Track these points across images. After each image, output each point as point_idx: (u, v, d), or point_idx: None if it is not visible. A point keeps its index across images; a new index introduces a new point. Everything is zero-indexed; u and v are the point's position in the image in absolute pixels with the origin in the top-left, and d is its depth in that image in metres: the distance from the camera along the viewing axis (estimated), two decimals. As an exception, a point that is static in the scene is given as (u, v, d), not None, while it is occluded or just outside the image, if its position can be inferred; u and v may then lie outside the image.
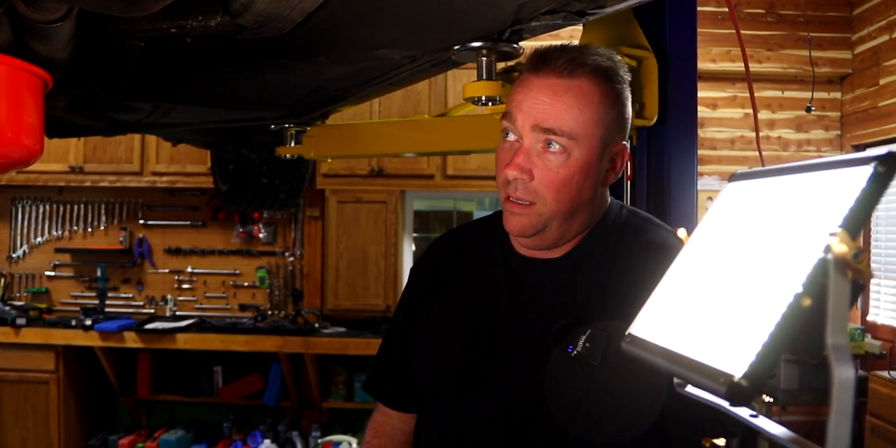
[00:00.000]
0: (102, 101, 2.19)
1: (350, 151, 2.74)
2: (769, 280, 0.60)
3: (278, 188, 3.50)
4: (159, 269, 5.24)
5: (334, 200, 4.90)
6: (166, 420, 5.18)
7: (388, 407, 1.52)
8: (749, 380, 0.56)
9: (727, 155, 5.12)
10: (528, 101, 1.20)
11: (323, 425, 4.93)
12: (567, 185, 1.21)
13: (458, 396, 1.31)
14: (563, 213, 1.23)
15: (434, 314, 1.39)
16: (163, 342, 4.63)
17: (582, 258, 1.29)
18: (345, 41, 1.59)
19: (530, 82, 1.22)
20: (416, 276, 1.48)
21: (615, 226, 1.32)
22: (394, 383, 1.49)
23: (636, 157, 2.21)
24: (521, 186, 1.20)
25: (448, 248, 1.46)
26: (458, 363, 1.31)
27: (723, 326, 0.62)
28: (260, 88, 2.14)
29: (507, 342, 1.27)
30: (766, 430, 0.64)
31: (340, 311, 4.94)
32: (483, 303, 1.33)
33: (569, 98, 1.19)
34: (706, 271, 0.72)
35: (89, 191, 5.16)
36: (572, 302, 1.26)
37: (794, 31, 4.98)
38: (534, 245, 1.28)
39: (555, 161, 1.20)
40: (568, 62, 1.19)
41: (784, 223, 0.64)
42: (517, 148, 1.21)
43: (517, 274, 1.32)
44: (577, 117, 1.19)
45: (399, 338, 1.46)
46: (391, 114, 4.66)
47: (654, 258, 1.25)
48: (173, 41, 1.49)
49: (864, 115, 4.87)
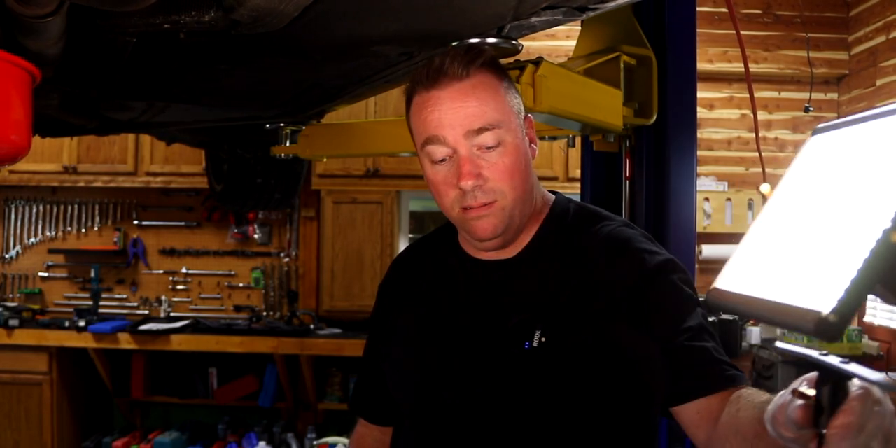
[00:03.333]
0: (95, 100, 2.17)
1: (345, 151, 2.72)
2: (856, 221, 0.60)
3: (273, 188, 3.48)
4: (154, 270, 5.21)
5: (330, 201, 4.88)
6: (161, 422, 5.15)
7: (372, 423, 1.54)
8: (838, 314, 0.56)
9: (724, 156, 5.10)
10: (447, 115, 1.20)
11: (318, 427, 4.91)
12: (516, 171, 1.22)
13: (429, 407, 1.32)
14: (521, 199, 1.24)
15: (401, 329, 1.40)
16: (157, 343, 4.60)
17: (536, 255, 1.30)
18: (341, 37, 1.57)
19: (436, 97, 1.21)
20: (381, 294, 1.51)
21: (565, 219, 1.33)
22: (375, 400, 1.51)
23: (635, 157, 2.20)
24: (479, 192, 1.20)
25: (406, 266, 1.49)
26: (428, 375, 1.32)
27: (810, 269, 0.62)
28: (255, 86, 2.12)
29: (471, 345, 1.28)
30: (860, 374, 0.64)
31: (336, 313, 4.91)
32: (446, 311, 1.34)
33: (479, 94, 1.20)
34: (792, 221, 0.72)
35: (83, 191, 5.13)
36: (529, 299, 1.26)
37: (791, 32, 4.97)
38: (497, 244, 1.28)
39: (496, 155, 1.21)
40: (459, 64, 1.20)
41: (868, 166, 0.64)
42: (457, 161, 1.21)
43: (475, 278, 1.33)
44: (495, 107, 1.20)
45: (374, 356, 1.48)
46: (387, 113, 4.64)
47: (606, 250, 1.26)
48: (166, 37, 1.46)
49: (861, 115, 4.85)
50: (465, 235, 1.34)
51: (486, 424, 1.25)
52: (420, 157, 1.27)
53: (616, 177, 2.28)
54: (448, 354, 1.30)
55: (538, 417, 1.22)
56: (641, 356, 1.19)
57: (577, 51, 2.29)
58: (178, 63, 1.77)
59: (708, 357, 1.16)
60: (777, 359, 4.24)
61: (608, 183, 2.33)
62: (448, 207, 1.25)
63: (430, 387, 1.32)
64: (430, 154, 1.23)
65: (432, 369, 1.31)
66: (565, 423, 1.22)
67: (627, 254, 1.25)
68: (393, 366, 1.40)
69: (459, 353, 1.29)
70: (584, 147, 2.36)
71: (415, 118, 1.25)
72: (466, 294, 1.33)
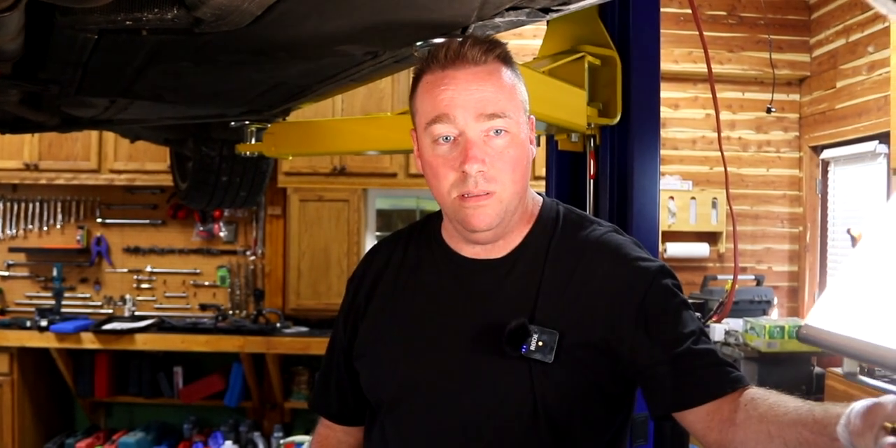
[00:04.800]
0: (56, 96, 2.14)
1: (311, 149, 2.71)
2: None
3: (239, 186, 3.45)
4: (118, 269, 5.15)
5: (296, 199, 4.86)
6: (125, 422, 5.10)
7: (334, 422, 1.50)
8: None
9: (689, 155, 5.16)
10: (460, 95, 1.19)
11: (285, 426, 4.89)
12: (519, 164, 1.22)
13: (409, 406, 1.29)
14: (518, 195, 1.24)
15: (377, 324, 1.36)
16: (121, 343, 4.56)
17: (528, 256, 1.29)
18: (305, 36, 1.57)
19: (451, 77, 1.20)
20: (354, 287, 1.44)
21: (554, 221, 1.32)
22: (338, 399, 1.46)
23: (599, 156, 2.22)
24: (480, 179, 1.19)
25: (385, 257, 1.41)
26: (408, 372, 1.30)
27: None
28: (219, 84, 2.10)
29: (464, 345, 1.26)
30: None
31: (302, 311, 4.90)
32: (430, 307, 1.32)
33: (494, 81, 1.20)
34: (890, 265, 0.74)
35: (45, 188, 5.05)
36: (519, 301, 1.25)
37: (754, 34, 5.04)
38: (489, 238, 1.27)
39: (503, 144, 1.20)
40: (480, 50, 1.20)
41: None
42: (463, 144, 1.19)
43: (462, 277, 1.31)
44: (507, 98, 1.21)
45: (341, 352, 1.43)
46: (354, 111, 4.63)
47: (600, 256, 1.27)
48: (128, 34, 1.45)
49: (821, 117, 4.94)
50: (451, 229, 1.32)
51: (475, 424, 1.24)
52: (420, 138, 1.25)
53: (580, 176, 2.29)
54: (439, 353, 1.27)
55: (530, 419, 1.21)
56: (638, 361, 1.20)
57: (543, 51, 2.31)
58: (141, 61, 1.75)
59: (715, 359, 1.18)
60: (740, 355, 4.30)
61: (573, 182, 2.35)
62: (444, 192, 1.22)
63: (417, 384, 1.28)
64: (434, 133, 1.21)
65: (422, 367, 1.28)
66: (556, 424, 1.22)
67: (622, 260, 1.26)
68: (371, 362, 1.35)
69: (451, 352, 1.26)
70: (549, 146, 2.37)
71: (422, 96, 1.23)
72: (454, 292, 1.30)
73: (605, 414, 1.27)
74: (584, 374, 1.22)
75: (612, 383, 1.24)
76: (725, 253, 5.08)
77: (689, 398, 1.16)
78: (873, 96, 4.33)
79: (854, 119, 4.53)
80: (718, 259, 5.12)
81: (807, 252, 5.10)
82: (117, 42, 1.53)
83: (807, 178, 5.12)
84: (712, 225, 5.02)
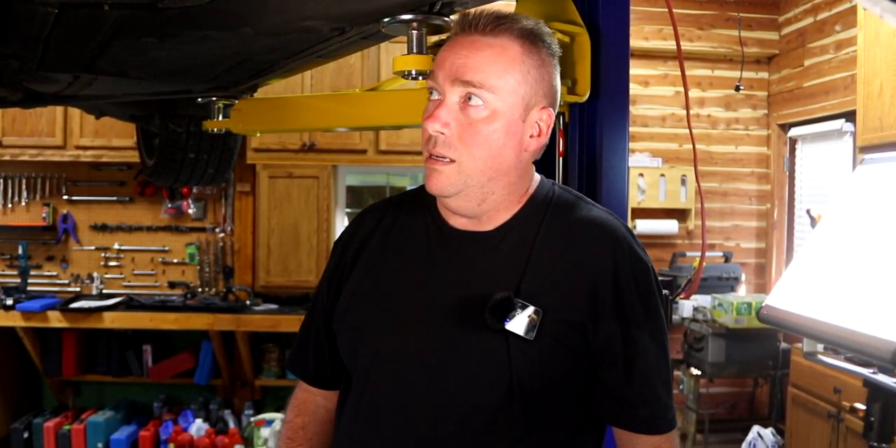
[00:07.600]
0: (17, 72, 2.10)
1: (280, 126, 2.69)
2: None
3: (206, 163, 3.41)
4: (85, 246, 5.09)
5: (265, 175, 4.83)
6: (94, 401, 5.07)
7: (311, 385, 1.48)
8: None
9: (658, 132, 5.19)
10: (449, 58, 1.21)
11: (255, 403, 4.89)
12: (486, 140, 1.21)
13: (385, 374, 1.28)
14: (483, 172, 1.22)
15: (360, 288, 1.35)
16: (89, 321, 4.52)
17: (515, 232, 1.28)
18: (270, 11, 1.55)
19: (454, 41, 1.24)
20: (341, 248, 1.42)
21: (547, 201, 1.32)
22: (316, 361, 1.45)
23: (568, 134, 2.22)
24: (441, 141, 1.20)
25: (375, 221, 1.40)
26: (386, 339, 1.29)
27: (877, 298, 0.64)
28: (184, 60, 2.07)
29: (435, 316, 1.26)
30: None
31: (272, 288, 4.88)
32: (414, 275, 1.31)
33: (490, 53, 1.20)
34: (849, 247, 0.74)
35: (9, 165, 4.96)
36: (505, 276, 1.25)
37: (724, 12, 5.06)
38: (457, 208, 1.27)
39: (474, 115, 1.20)
40: (493, 22, 1.21)
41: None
42: (438, 103, 1.21)
43: (450, 247, 1.30)
44: (498, 72, 1.20)
45: (322, 313, 1.42)
46: (323, 88, 4.59)
47: (587, 234, 1.27)
48: (90, 9, 1.42)
49: (789, 95, 4.98)
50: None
51: (449, 395, 1.23)
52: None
53: (549, 153, 2.29)
54: (418, 321, 1.27)
55: (505, 394, 1.21)
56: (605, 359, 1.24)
57: (512, 27, 2.30)
58: (104, 36, 1.72)
59: (655, 394, 1.28)
60: (707, 331, 4.36)
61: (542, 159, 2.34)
62: (423, 146, 1.25)
63: (394, 352, 1.28)
64: (428, 86, 1.25)
65: (400, 335, 1.27)
66: (531, 400, 1.22)
67: (614, 247, 1.26)
68: (350, 326, 1.34)
69: (431, 320, 1.26)
70: (519, 124, 2.37)
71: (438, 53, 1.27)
72: (440, 261, 1.30)
73: (580, 392, 1.27)
74: (562, 353, 1.22)
75: (587, 362, 1.25)
76: (694, 230, 5.13)
77: (614, 420, 1.29)
78: (840, 75, 4.38)
79: (821, 97, 4.57)
80: (687, 236, 5.17)
81: (774, 229, 5.16)
82: (79, 16, 1.49)
83: (774, 155, 5.17)
84: (681, 202, 5.07)
